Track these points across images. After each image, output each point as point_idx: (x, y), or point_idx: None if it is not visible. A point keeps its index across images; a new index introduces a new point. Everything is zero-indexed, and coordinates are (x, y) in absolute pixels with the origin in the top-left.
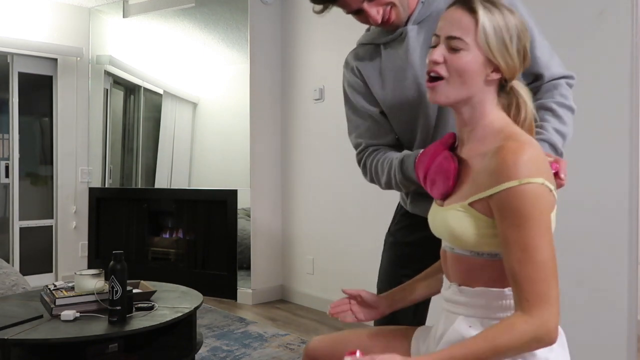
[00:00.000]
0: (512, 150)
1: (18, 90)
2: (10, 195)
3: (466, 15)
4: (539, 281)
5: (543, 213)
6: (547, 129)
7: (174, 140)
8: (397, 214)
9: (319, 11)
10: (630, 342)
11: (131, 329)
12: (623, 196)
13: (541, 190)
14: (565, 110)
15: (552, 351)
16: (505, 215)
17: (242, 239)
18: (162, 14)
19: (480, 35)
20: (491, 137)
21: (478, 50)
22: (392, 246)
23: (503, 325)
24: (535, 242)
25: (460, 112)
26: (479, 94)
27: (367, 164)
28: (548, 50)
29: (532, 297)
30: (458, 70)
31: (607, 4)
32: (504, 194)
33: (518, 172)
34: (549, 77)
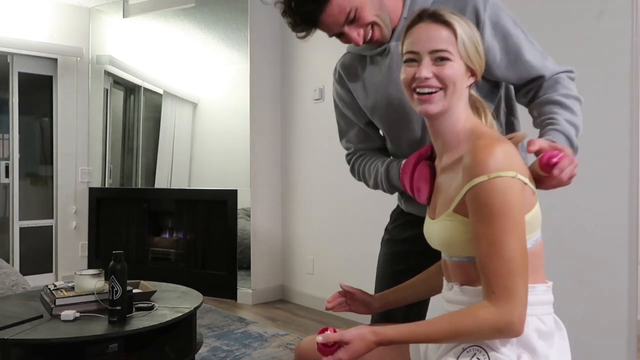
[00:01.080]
0: (482, 147)
1: (18, 90)
2: (10, 195)
3: (444, 29)
4: (504, 275)
5: (512, 207)
6: (558, 121)
7: (174, 140)
8: (394, 213)
9: (302, 37)
10: (630, 342)
11: (131, 329)
12: (623, 196)
13: (511, 183)
14: (573, 101)
15: (552, 347)
16: (475, 210)
17: (242, 239)
18: (162, 14)
19: (460, 44)
20: (465, 141)
21: (460, 59)
22: (388, 243)
23: (466, 311)
24: (503, 237)
25: (438, 123)
26: (461, 101)
27: (355, 166)
28: (540, 54)
29: (497, 289)
30: (451, 80)
31: (607, 4)
32: (474, 190)
33: (487, 167)
34: (549, 75)
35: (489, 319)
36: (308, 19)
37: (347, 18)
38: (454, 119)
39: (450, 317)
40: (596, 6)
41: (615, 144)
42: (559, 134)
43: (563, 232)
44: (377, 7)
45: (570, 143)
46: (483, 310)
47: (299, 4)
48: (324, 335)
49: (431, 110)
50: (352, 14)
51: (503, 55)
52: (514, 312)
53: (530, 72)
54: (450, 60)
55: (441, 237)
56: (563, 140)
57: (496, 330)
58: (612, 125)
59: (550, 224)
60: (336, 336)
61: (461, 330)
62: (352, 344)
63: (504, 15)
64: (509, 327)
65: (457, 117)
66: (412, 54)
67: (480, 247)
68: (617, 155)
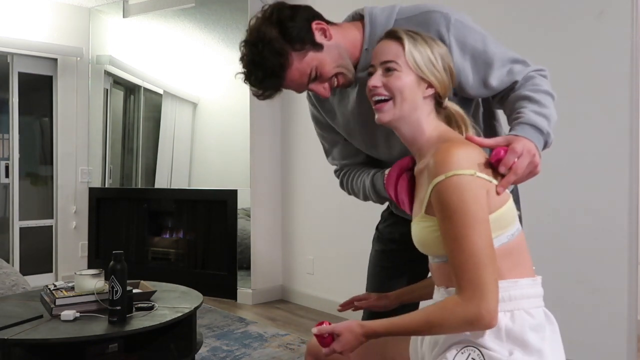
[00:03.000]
0: (443, 149)
1: (18, 90)
2: (10, 195)
3: (394, 43)
4: (469, 269)
5: (470, 203)
6: (524, 113)
7: (174, 140)
8: (384, 212)
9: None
10: (630, 342)
11: (131, 329)
12: (623, 196)
13: (468, 180)
14: (542, 95)
15: (544, 341)
16: (437, 209)
17: (242, 239)
18: (162, 14)
19: (408, 56)
20: (432, 147)
21: (409, 70)
22: (378, 241)
23: (439, 305)
24: (464, 232)
25: (403, 133)
26: (418, 111)
27: (343, 182)
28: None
29: (464, 283)
30: (398, 88)
31: (607, 4)
32: (435, 190)
33: (446, 167)
34: (521, 78)
35: (458, 311)
36: (271, 89)
37: (309, 78)
38: (416, 127)
39: (425, 310)
40: (596, 6)
41: (615, 144)
42: (525, 126)
43: (563, 231)
44: (336, 58)
45: (540, 132)
46: (452, 303)
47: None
48: (319, 328)
49: (382, 118)
50: (314, 73)
51: (474, 75)
52: (481, 304)
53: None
54: (397, 70)
55: (417, 238)
56: (530, 130)
57: (466, 322)
58: (612, 126)
59: (551, 223)
60: (328, 328)
61: (434, 322)
62: (343, 335)
63: (470, 34)
64: (478, 319)
65: (420, 125)
66: (371, 68)
67: (445, 244)
68: (617, 155)
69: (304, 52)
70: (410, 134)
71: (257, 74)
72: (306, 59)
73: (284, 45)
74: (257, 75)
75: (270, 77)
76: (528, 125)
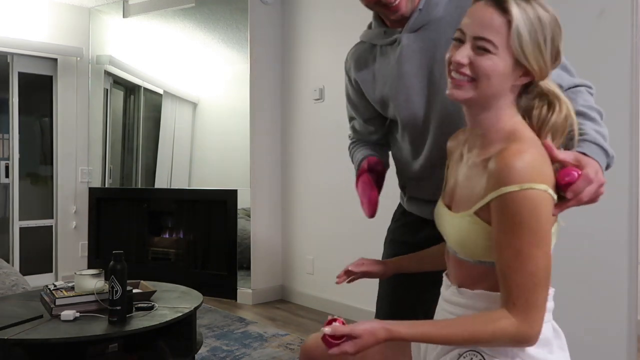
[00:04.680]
0: (513, 153)
1: (18, 90)
2: (10, 195)
3: (498, 15)
4: (527, 289)
5: (541, 222)
6: (586, 131)
7: (174, 140)
8: (396, 213)
9: None
10: (630, 342)
11: (131, 329)
12: (623, 196)
13: (542, 197)
14: (595, 113)
15: (552, 353)
16: (502, 219)
17: (242, 239)
18: (162, 14)
19: (514, 38)
20: (500, 141)
21: (508, 54)
22: (390, 244)
23: (486, 319)
24: (529, 251)
25: (474, 113)
26: (501, 99)
27: (350, 152)
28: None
29: (518, 302)
30: (486, 74)
31: (607, 4)
32: (503, 199)
33: (519, 177)
34: (566, 87)
35: (510, 330)
36: None
37: None
38: (494, 116)
39: (468, 322)
40: (596, 6)
41: (615, 144)
42: (592, 145)
43: (563, 232)
44: None
45: (605, 152)
46: (504, 320)
47: None
48: (333, 327)
49: (457, 95)
50: None
51: None
52: (534, 325)
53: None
54: (491, 52)
55: (457, 236)
56: (596, 150)
57: (515, 341)
58: (612, 125)
59: None
60: (345, 329)
61: (480, 338)
62: (362, 338)
63: None
64: (527, 339)
65: (497, 114)
66: (459, 33)
67: (503, 256)
68: (617, 155)
69: None
70: (481, 117)
71: None
72: None
73: None
74: None
75: None
76: (595, 145)
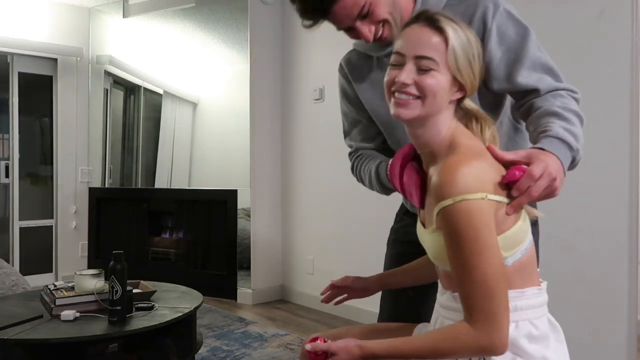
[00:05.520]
0: (450, 166)
1: (18, 90)
2: (10, 195)
3: (435, 35)
4: (480, 298)
5: (479, 230)
6: (552, 128)
7: (174, 140)
8: (399, 213)
9: (307, 26)
10: (630, 342)
11: (131, 329)
12: (623, 196)
13: (478, 205)
14: (571, 114)
15: (549, 348)
16: (444, 234)
17: (242, 239)
18: (162, 14)
19: (450, 55)
20: (443, 154)
21: (447, 70)
22: (393, 244)
23: (447, 332)
24: (472, 262)
25: (417, 133)
26: (441, 114)
27: (354, 166)
28: (538, 73)
29: (474, 312)
30: (432, 91)
31: (607, 4)
32: (441, 214)
33: (453, 190)
34: (545, 90)
35: (469, 342)
36: (320, 8)
37: (360, 12)
38: (435, 132)
39: (432, 336)
40: (596, 6)
41: (615, 144)
42: (553, 139)
43: (563, 231)
44: (390, 4)
45: (569, 147)
46: (463, 333)
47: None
48: (312, 345)
49: (404, 115)
50: (366, 9)
51: (504, 67)
52: (494, 334)
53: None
54: (434, 69)
55: (432, 250)
56: (557, 144)
57: (477, 352)
58: (612, 125)
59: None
60: (324, 346)
61: (442, 351)
62: (338, 355)
63: (513, 26)
64: (489, 349)
65: (438, 130)
66: (397, 56)
67: (453, 270)
68: (617, 155)
69: None
70: (424, 135)
71: None
72: None
73: None
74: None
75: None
76: (556, 139)
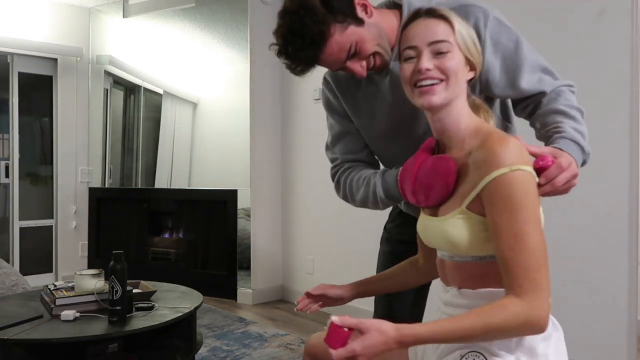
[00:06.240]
0: (498, 140)
1: (18, 90)
2: (10, 195)
3: (440, 22)
4: (531, 268)
5: (533, 201)
6: (565, 129)
7: (174, 140)
8: (392, 211)
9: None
10: (630, 342)
11: (131, 329)
12: (623, 196)
13: (529, 177)
14: (575, 111)
15: (549, 347)
16: (496, 202)
17: (242, 239)
18: (162, 14)
19: (459, 36)
20: (470, 138)
21: (459, 51)
22: (387, 242)
23: (496, 305)
24: (527, 229)
25: (442, 118)
26: (461, 96)
27: (341, 180)
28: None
29: (525, 283)
30: (454, 71)
31: (607, 4)
32: (495, 182)
33: (507, 160)
34: (550, 90)
35: (521, 312)
36: (307, 62)
37: (348, 54)
38: (457, 114)
39: (479, 312)
40: (596, 6)
41: (615, 144)
42: (568, 141)
43: (563, 231)
44: (376, 36)
45: (582, 149)
46: (513, 303)
47: (296, 49)
48: (341, 318)
49: (434, 101)
50: (353, 49)
51: (502, 75)
52: (543, 305)
53: (526, 94)
54: (450, 51)
55: (448, 237)
56: (573, 147)
57: (528, 324)
58: (612, 125)
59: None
60: (353, 321)
61: (493, 326)
62: (369, 334)
63: (505, 33)
64: (539, 321)
65: (460, 112)
66: (410, 50)
67: (503, 240)
68: (617, 155)
69: (345, 25)
70: (451, 120)
71: (296, 43)
72: (347, 33)
73: (325, 15)
74: (295, 45)
75: (309, 47)
76: (571, 142)
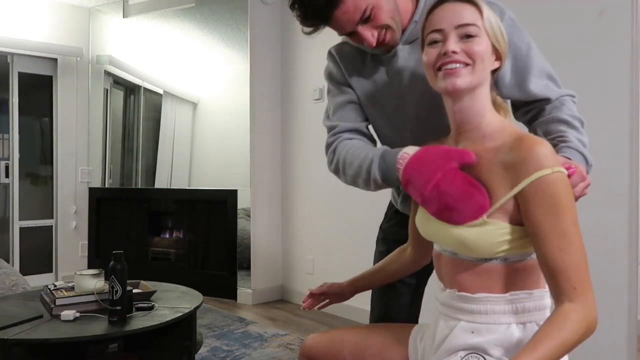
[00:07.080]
0: (534, 142)
1: (18, 90)
2: (10, 195)
3: (469, 7)
4: (582, 268)
5: (574, 202)
6: (570, 139)
7: (174, 140)
8: (388, 211)
9: (308, 32)
10: (630, 342)
11: (131, 329)
12: (623, 196)
13: (568, 180)
14: (577, 122)
15: None
16: (540, 203)
17: (242, 239)
18: (162, 14)
19: (487, 21)
20: (494, 135)
21: (487, 37)
22: (383, 242)
23: (558, 320)
24: (573, 230)
25: (464, 105)
26: (485, 85)
27: (337, 150)
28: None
29: (578, 284)
30: (480, 56)
31: (607, 4)
32: (538, 183)
33: (549, 161)
34: (555, 98)
35: (580, 320)
36: (320, 14)
37: (362, 16)
38: (480, 107)
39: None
40: (596, 6)
41: (615, 144)
42: (574, 151)
43: None
44: (392, 9)
45: (586, 160)
46: (573, 313)
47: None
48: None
49: (458, 84)
50: (368, 13)
51: (512, 75)
52: (595, 306)
53: (533, 97)
54: (478, 36)
55: (461, 240)
56: (578, 157)
57: (588, 329)
58: (612, 125)
59: None
60: None
61: (568, 343)
62: None
63: (518, 34)
64: (595, 321)
65: (483, 105)
66: (436, 33)
67: (548, 242)
68: (617, 155)
69: None
70: (470, 112)
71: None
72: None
73: None
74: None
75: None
76: (576, 152)
